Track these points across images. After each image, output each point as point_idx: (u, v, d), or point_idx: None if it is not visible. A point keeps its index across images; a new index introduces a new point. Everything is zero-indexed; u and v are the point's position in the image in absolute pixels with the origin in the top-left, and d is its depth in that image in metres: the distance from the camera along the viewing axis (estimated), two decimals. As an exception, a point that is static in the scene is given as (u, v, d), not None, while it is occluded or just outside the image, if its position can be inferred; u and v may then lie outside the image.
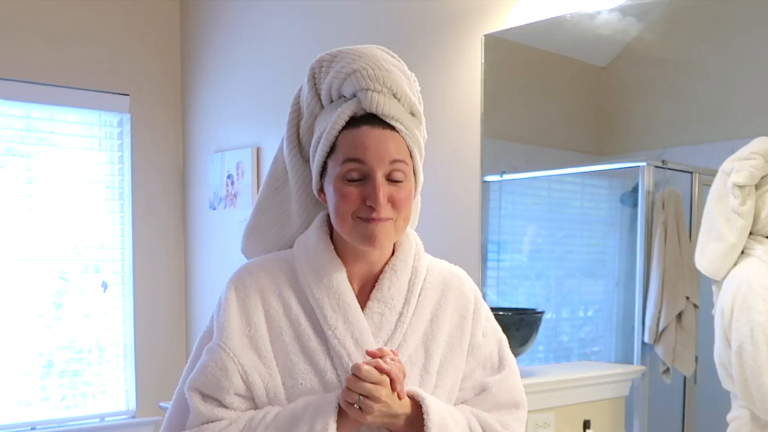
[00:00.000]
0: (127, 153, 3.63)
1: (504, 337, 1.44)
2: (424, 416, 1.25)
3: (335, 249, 1.35)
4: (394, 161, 1.27)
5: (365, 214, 1.27)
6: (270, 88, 3.31)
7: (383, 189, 1.26)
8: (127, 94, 3.60)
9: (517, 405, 1.39)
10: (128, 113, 3.61)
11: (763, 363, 1.81)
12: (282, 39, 3.25)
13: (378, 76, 1.27)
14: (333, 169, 1.29)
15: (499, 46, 2.47)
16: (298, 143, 1.40)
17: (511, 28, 2.42)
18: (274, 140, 3.26)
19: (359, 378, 1.20)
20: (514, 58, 2.54)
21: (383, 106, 1.27)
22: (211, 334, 1.35)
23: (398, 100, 1.29)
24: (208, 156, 3.62)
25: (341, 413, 1.23)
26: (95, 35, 3.51)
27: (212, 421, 1.29)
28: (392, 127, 1.28)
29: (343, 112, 1.28)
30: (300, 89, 1.39)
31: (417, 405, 1.27)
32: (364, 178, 1.27)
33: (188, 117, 3.77)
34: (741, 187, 1.88)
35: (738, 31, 2.12)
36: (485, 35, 2.48)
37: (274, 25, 3.30)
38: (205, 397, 1.30)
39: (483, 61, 2.49)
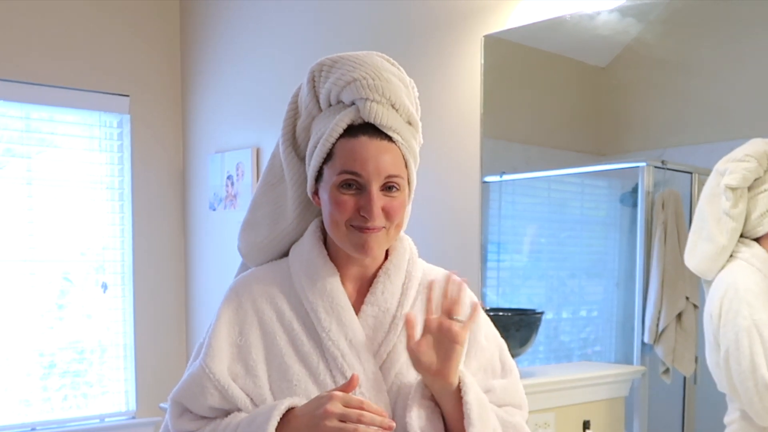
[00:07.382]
0: (127, 154, 3.63)
1: (503, 342, 1.46)
2: (462, 390, 1.26)
3: (329, 254, 1.37)
4: (390, 176, 1.28)
5: (359, 223, 1.29)
6: (270, 89, 3.31)
7: (378, 201, 1.27)
8: (127, 95, 3.60)
9: (519, 406, 1.41)
10: (128, 114, 3.61)
11: (748, 367, 1.81)
12: (282, 39, 3.25)
13: (377, 86, 1.28)
14: (329, 177, 1.30)
15: (499, 47, 2.47)
16: (294, 141, 1.41)
17: (511, 29, 2.42)
18: (273, 141, 3.23)
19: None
20: (514, 59, 2.54)
21: (382, 116, 1.28)
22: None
23: (396, 111, 1.30)
24: (208, 157, 3.62)
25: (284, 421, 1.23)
26: (95, 36, 3.51)
27: None
28: (389, 138, 1.29)
29: (341, 120, 1.29)
30: (299, 88, 1.40)
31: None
32: (360, 188, 1.28)
33: (188, 118, 3.77)
34: (734, 189, 1.88)
35: (738, 31, 2.12)
36: (485, 36, 2.48)
37: (273, 25, 3.30)
38: (183, 411, 1.36)
39: (483, 62, 2.49)
